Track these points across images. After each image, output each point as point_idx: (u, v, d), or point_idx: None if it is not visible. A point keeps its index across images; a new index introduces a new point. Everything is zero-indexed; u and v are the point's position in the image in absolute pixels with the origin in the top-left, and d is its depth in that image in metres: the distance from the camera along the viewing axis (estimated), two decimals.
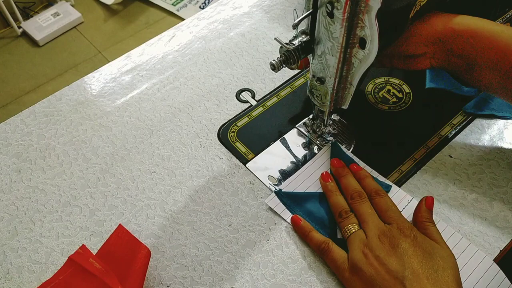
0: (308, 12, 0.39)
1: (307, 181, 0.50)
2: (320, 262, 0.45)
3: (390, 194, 0.48)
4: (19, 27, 1.86)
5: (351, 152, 0.52)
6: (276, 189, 0.49)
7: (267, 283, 0.44)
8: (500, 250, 0.45)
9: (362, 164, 0.51)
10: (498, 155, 0.52)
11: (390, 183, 0.49)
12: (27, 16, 1.92)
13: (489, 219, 0.47)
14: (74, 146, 0.55)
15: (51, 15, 1.89)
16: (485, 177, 0.51)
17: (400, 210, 0.46)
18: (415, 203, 0.47)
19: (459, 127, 0.55)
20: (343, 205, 0.47)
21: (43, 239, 0.48)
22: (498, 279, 0.43)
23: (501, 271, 0.43)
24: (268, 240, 0.47)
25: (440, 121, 0.55)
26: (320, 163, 0.51)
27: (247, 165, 0.52)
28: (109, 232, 0.47)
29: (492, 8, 0.52)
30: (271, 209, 0.49)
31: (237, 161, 0.53)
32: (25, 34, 1.87)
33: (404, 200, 0.48)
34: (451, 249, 0.43)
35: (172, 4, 2.00)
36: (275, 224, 0.48)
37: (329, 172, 0.50)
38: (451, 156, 0.53)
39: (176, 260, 0.46)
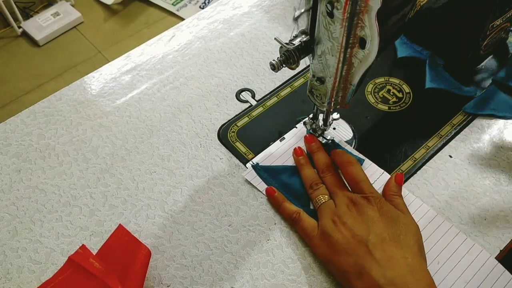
0: (309, 6, 0.39)
1: (283, 156, 0.52)
2: (320, 262, 0.45)
3: (363, 167, 0.50)
4: (19, 27, 1.86)
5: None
6: (253, 163, 0.51)
7: (267, 283, 0.44)
8: (500, 250, 0.45)
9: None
10: (498, 155, 0.52)
11: (363, 157, 0.51)
12: (27, 16, 1.92)
13: (489, 219, 0.47)
14: (74, 146, 0.55)
15: (51, 15, 1.89)
16: (485, 177, 0.51)
17: (372, 182, 0.48)
18: (386, 176, 0.50)
19: (459, 127, 0.55)
20: (314, 178, 0.49)
21: (43, 239, 0.48)
22: (504, 279, 0.43)
23: (507, 271, 0.43)
24: (268, 240, 0.47)
25: (440, 121, 0.55)
26: (296, 140, 0.53)
27: (247, 165, 0.52)
28: (109, 232, 0.47)
29: (492, 8, 0.52)
30: (271, 208, 0.49)
31: (237, 161, 0.53)
32: (25, 34, 1.87)
33: (376, 173, 0.50)
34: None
35: (172, 4, 2.00)
36: (275, 224, 0.48)
37: (303, 148, 0.52)
38: (451, 156, 0.53)
39: (176, 260, 0.46)
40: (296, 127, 0.55)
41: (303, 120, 0.55)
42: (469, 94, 0.57)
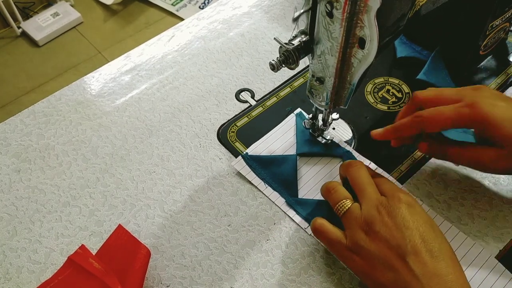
0: (308, 7, 0.39)
1: (272, 146, 0.53)
2: (319, 262, 0.45)
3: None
4: (19, 27, 1.86)
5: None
6: (243, 153, 0.52)
7: (267, 283, 0.44)
8: (500, 250, 0.45)
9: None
10: None
11: (356, 155, 0.52)
12: (26, 16, 1.92)
13: (489, 219, 0.47)
14: (74, 146, 0.55)
15: (51, 15, 1.89)
16: (485, 176, 0.51)
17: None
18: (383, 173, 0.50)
19: None
20: (328, 183, 0.45)
21: (42, 239, 0.48)
22: (505, 278, 0.43)
23: (507, 270, 0.43)
24: (267, 240, 0.47)
25: None
26: (285, 130, 0.54)
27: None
28: (109, 232, 0.47)
29: (491, 8, 0.52)
30: (270, 208, 0.49)
31: None
32: (24, 34, 1.87)
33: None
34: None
35: (172, 4, 2.00)
36: (274, 224, 0.48)
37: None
38: None
39: (175, 260, 0.46)
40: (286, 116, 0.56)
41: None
42: None
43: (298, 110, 0.56)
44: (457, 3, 0.54)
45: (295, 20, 0.39)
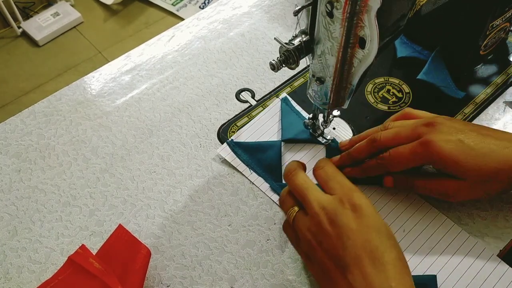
0: (309, 2, 0.39)
1: (257, 132, 0.54)
2: None
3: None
4: (19, 27, 1.86)
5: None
6: (228, 140, 0.53)
7: (267, 283, 0.44)
8: (500, 250, 0.45)
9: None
10: None
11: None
12: (26, 16, 1.92)
13: (489, 219, 0.47)
14: (74, 146, 0.55)
15: (51, 15, 1.89)
16: None
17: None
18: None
19: None
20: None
21: (43, 239, 0.48)
22: (508, 276, 0.43)
23: (510, 268, 0.43)
24: (268, 240, 0.47)
25: None
26: (271, 115, 0.55)
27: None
28: (109, 232, 0.47)
29: (491, 8, 0.52)
30: (271, 208, 0.49)
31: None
32: (25, 34, 1.87)
33: None
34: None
35: (172, 4, 2.00)
36: (274, 224, 0.48)
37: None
38: None
39: (176, 260, 0.46)
40: None
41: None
42: (455, 96, 0.57)
43: (283, 95, 0.57)
44: (457, 3, 0.54)
45: (296, 13, 0.39)
